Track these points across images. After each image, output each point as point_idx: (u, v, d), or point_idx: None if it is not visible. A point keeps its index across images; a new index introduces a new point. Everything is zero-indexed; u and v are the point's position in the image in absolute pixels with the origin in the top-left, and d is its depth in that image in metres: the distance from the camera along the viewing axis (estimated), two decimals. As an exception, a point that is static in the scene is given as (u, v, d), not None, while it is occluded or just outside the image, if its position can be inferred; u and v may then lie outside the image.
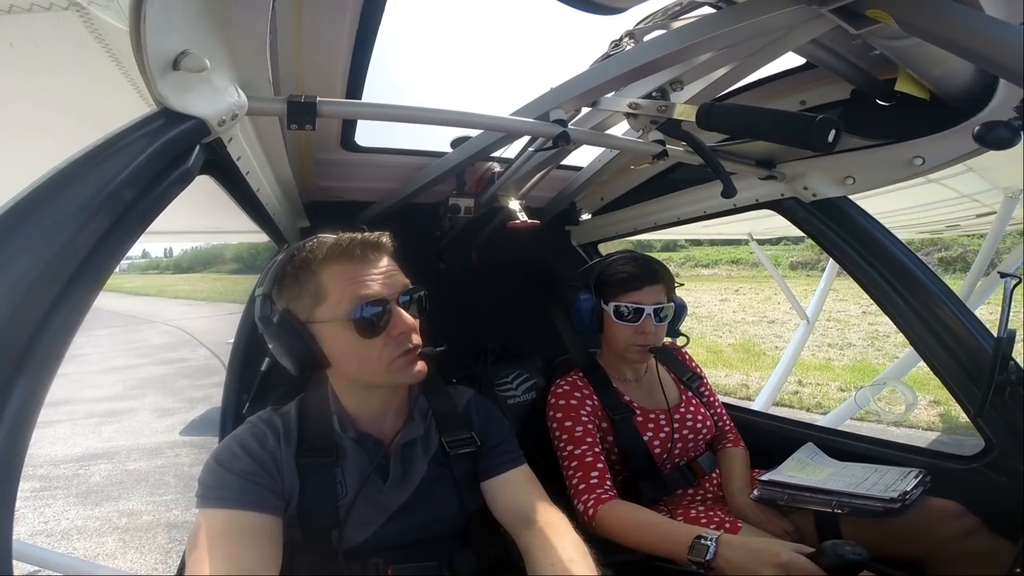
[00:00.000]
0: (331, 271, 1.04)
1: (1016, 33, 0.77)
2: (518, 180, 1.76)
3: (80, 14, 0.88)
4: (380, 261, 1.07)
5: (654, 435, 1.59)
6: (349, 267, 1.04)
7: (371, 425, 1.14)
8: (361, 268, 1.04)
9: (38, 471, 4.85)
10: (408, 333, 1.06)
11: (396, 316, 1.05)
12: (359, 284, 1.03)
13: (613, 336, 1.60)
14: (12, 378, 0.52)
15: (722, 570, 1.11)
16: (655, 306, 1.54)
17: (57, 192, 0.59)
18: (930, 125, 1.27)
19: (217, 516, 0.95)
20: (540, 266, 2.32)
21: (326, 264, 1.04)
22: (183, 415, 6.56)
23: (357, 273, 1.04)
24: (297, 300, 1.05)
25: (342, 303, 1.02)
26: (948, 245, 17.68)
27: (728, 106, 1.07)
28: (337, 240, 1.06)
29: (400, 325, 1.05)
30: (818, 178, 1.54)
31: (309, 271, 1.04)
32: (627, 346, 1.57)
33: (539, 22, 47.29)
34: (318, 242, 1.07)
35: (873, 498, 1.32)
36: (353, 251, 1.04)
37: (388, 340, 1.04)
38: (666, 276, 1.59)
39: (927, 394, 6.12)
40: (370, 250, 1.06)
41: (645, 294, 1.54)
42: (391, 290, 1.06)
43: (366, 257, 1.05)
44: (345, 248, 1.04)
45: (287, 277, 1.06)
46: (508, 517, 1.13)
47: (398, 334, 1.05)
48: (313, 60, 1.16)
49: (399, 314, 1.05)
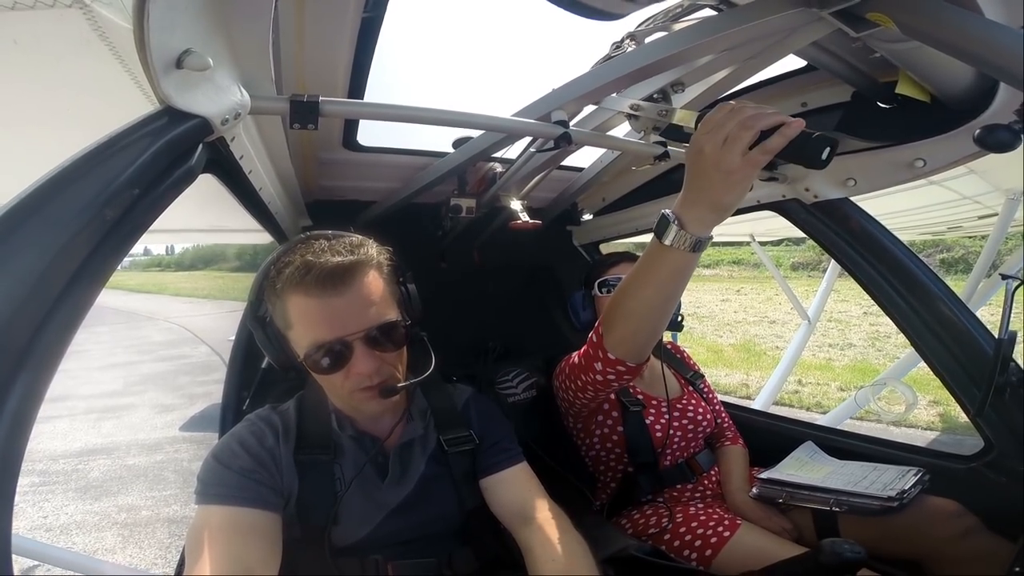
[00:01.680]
0: (292, 301, 0.99)
1: (1016, 37, 0.78)
2: (519, 180, 1.77)
3: (84, 11, 0.88)
4: (346, 292, 0.97)
5: (655, 420, 1.60)
6: (307, 303, 0.97)
7: (369, 423, 1.14)
8: (320, 306, 0.97)
9: (37, 466, 4.86)
10: (367, 374, 1.00)
11: (356, 357, 0.99)
12: (315, 325, 0.97)
13: None
14: (13, 374, 0.53)
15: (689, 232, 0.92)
16: None
17: (60, 190, 0.59)
18: (931, 128, 1.27)
19: (216, 512, 0.95)
20: (542, 266, 2.32)
21: (288, 292, 0.99)
22: (183, 411, 6.57)
23: (315, 311, 0.97)
24: (275, 311, 1.04)
25: (303, 338, 0.99)
26: (950, 247, 17.67)
27: None
28: (300, 265, 0.97)
29: (359, 365, 0.99)
30: (819, 180, 1.54)
31: (275, 294, 1.01)
32: None
33: (541, 23, 47.35)
34: (287, 261, 1.00)
35: (871, 497, 1.32)
36: (310, 286, 0.96)
37: (348, 376, 1.00)
38: None
39: (927, 394, 6.12)
40: (332, 283, 0.96)
41: (623, 268, 1.68)
42: (355, 327, 0.98)
43: (324, 291, 0.96)
44: (302, 280, 0.96)
45: (267, 288, 1.04)
46: (507, 514, 1.14)
47: (356, 374, 1.00)
48: (315, 60, 1.16)
49: (359, 355, 0.99)
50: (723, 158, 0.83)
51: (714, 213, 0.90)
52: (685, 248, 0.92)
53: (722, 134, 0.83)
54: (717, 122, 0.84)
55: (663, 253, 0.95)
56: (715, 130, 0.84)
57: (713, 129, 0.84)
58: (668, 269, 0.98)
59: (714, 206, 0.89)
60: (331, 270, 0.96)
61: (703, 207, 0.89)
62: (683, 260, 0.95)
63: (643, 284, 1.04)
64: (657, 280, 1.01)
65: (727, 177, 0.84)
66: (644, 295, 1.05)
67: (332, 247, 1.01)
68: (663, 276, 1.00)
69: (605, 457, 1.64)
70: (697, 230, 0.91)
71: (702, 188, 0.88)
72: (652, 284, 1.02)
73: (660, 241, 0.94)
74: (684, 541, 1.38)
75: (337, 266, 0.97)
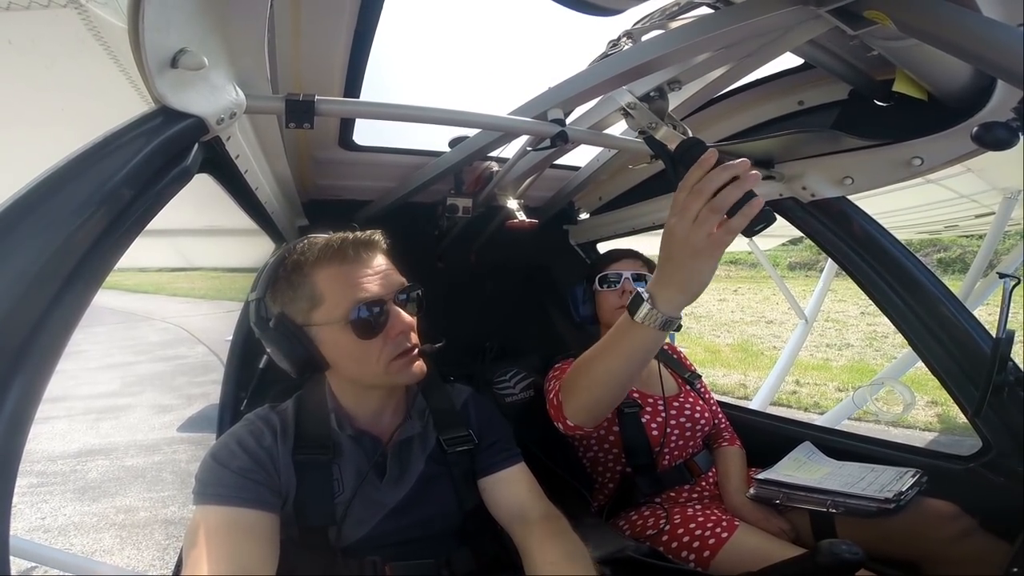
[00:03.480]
0: (325, 273, 1.02)
1: (1014, 34, 0.78)
2: (516, 180, 1.76)
3: (78, 11, 0.88)
4: (374, 260, 1.06)
5: (651, 419, 1.60)
6: (343, 268, 1.03)
7: (369, 423, 1.14)
8: (356, 269, 1.03)
9: (35, 467, 4.85)
10: (407, 332, 1.05)
11: (394, 316, 1.04)
12: (355, 286, 1.02)
13: (603, 308, 1.72)
14: (10, 375, 0.52)
15: None
16: (633, 271, 1.69)
17: (55, 190, 0.59)
18: (928, 126, 1.27)
19: (214, 513, 0.95)
20: (538, 266, 2.32)
21: (319, 266, 1.03)
22: (181, 412, 6.55)
23: (352, 274, 1.03)
24: (292, 304, 1.04)
25: (339, 306, 1.01)
26: (947, 246, 17.70)
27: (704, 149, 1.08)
28: (328, 241, 1.04)
29: (398, 325, 1.04)
30: (816, 178, 1.54)
31: (302, 274, 1.03)
32: (614, 310, 1.66)
33: (537, 21, 47.31)
34: (309, 244, 1.06)
35: (868, 498, 1.32)
36: (346, 252, 1.03)
37: (387, 340, 1.04)
38: (644, 257, 1.77)
39: (925, 394, 6.13)
40: (363, 249, 1.05)
41: (623, 264, 1.73)
42: (388, 289, 1.04)
43: (359, 257, 1.04)
44: (337, 249, 1.03)
45: (280, 281, 1.05)
46: (505, 515, 1.14)
47: (396, 334, 1.04)
48: (311, 58, 1.16)
49: (397, 313, 1.04)
50: (690, 238, 0.87)
51: (683, 295, 0.94)
52: (654, 326, 0.95)
53: (690, 216, 0.87)
54: (685, 204, 0.87)
55: (632, 328, 0.98)
56: (683, 212, 0.87)
57: (681, 211, 0.88)
58: (636, 344, 1.01)
59: (683, 286, 0.93)
60: (361, 240, 1.05)
61: (673, 288, 0.94)
62: (651, 337, 0.98)
63: (610, 356, 1.07)
64: (624, 354, 1.04)
65: (695, 256, 0.89)
66: (609, 366, 1.08)
67: (344, 233, 1.07)
68: (630, 350, 1.03)
69: (603, 458, 1.64)
70: (667, 309, 0.95)
71: (673, 269, 0.92)
72: (619, 357, 1.05)
73: (631, 317, 0.97)
74: (682, 542, 1.37)
75: (364, 236, 1.06)
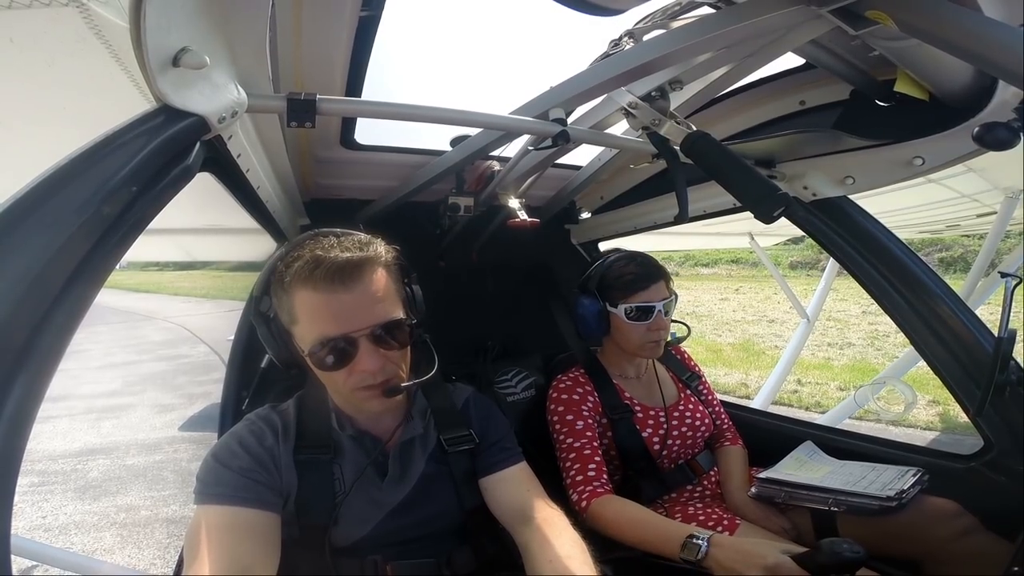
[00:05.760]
0: (300, 296, 0.98)
1: (1015, 34, 0.77)
2: (517, 179, 1.76)
3: (80, 10, 0.88)
4: (354, 289, 0.97)
5: (653, 432, 1.60)
6: (315, 297, 0.97)
7: (369, 423, 1.14)
8: (327, 300, 0.96)
9: (37, 466, 4.85)
10: (373, 372, 0.99)
11: (361, 354, 0.99)
12: (322, 320, 0.97)
13: (625, 337, 1.60)
14: (12, 374, 0.53)
15: (712, 570, 1.12)
16: (663, 301, 1.57)
17: (57, 189, 0.59)
18: (929, 126, 1.27)
19: (215, 512, 0.96)
20: (540, 265, 2.32)
21: (295, 286, 0.98)
22: (182, 411, 6.55)
23: (322, 307, 0.97)
24: (280, 309, 1.04)
25: (309, 333, 0.99)
26: (949, 245, 17.67)
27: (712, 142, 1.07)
28: (309, 260, 0.97)
29: (364, 363, 0.99)
30: (818, 178, 1.53)
31: (283, 287, 1.01)
32: (642, 344, 1.58)
33: (539, 20, 47.29)
34: (296, 255, 1.01)
35: (869, 496, 1.32)
36: (318, 280, 0.96)
37: (352, 373, 1.00)
38: (664, 271, 1.62)
39: (926, 393, 6.12)
40: (341, 278, 0.96)
41: (652, 292, 1.56)
42: (359, 325, 0.98)
43: (332, 288, 0.96)
44: (311, 275, 0.96)
45: (273, 284, 1.04)
46: (506, 514, 1.14)
47: (360, 371, 0.99)
48: (313, 57, 1.16)
49: (364, 352, 0.99)
50: None
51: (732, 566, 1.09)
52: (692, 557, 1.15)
53: None
54: None
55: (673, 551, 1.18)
56: None
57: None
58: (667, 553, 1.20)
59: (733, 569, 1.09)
60: (340, 266, 0.96)
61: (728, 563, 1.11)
62: None
63: (639, 542, 1.28)
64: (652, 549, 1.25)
65: None
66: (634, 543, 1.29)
67: (341, 243, 1.01)
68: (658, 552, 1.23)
69: (603, 460, 1.64)
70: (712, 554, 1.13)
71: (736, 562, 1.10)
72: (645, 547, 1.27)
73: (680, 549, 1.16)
74: (683, 541, 1.38)
75: (346, 262, 0.97)
